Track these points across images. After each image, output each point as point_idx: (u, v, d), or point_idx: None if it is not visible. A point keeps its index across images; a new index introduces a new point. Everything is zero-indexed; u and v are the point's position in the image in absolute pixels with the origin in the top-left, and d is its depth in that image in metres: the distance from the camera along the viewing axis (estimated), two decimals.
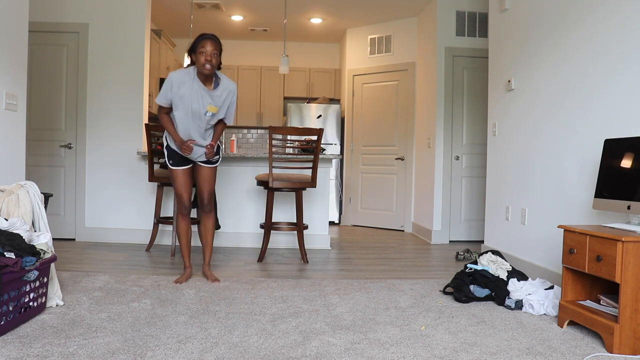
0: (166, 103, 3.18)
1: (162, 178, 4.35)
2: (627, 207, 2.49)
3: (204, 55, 3.02)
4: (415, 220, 6.31)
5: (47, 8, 4.91)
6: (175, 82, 3.11)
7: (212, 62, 3.04)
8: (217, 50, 3.08)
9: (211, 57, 3.03)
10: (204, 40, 3.06)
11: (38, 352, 2.06)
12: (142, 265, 3.93)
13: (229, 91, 3.25)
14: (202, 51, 3.03)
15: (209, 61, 3.03)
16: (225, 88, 3.24)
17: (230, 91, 3.26)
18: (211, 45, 3.05)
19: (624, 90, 2.87)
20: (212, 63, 3.04)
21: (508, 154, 4.21)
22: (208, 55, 3.03)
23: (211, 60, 3.03)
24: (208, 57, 3.03)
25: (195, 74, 3.13)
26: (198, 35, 3.12)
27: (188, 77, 3.13)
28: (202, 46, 3.03)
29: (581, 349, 2.29)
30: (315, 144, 4.22)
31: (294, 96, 7.71)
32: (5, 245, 2.31)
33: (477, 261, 3.29)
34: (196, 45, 3.05)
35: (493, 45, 4.56)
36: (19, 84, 3.28)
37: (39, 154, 4.91)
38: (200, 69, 3.06)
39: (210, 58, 3.03)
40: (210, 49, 3.04)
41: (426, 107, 5.96)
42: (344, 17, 6.56)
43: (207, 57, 3.03)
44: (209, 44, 3.05)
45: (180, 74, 3.13)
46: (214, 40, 3.09)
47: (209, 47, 3.04)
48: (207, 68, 3.04)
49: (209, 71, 3.05)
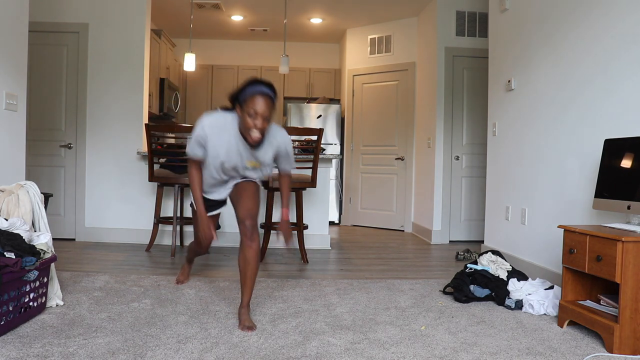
0: (199, 157, 2.51)
1: (162, 178, 4.35)
2: (627, 207, 2.49)
3: (254, 119, 2.25)
4: (415, 220, 6.31)
5: (47, 8, 4.90)
6: (210, 132, 2.41)
7: (263, 130, 2.29)
8: (272, 109, 2.31)
9: (263, 122, 2.26)
10: (257, 96, 2.25)
11: (38, 352, 2.06)
12: (142, 265, 3.93)
13: (276, 146, 2.53)
14: (252, 112, 2.24)
15: (260, 129, 2.27)
16: (272, 143, 2.49)
17: (279, 145, 2.53)
18: (265, 105, 2.24)
19: (624, 90, 2.87)
20: (264, 132, 2.30)
21: (508, 154, 4.21)
22: (259, 119, 2.25)
23: (262, 128, 2.27)
24: (259, 122, 2.26)
25: (237, 126, 2.42)
26: (249, 81, 2.32)
27: (226, 130, 2.40)
28: (252, 103, 2.24)
29: (581, 349, 2.29)
30: (315, 144, 4.22)
31: (294, 96, 7.71)
32: (5, 245, 2.31)
33: (477, 261, 3.29)
34: (245, 98, 2.27)
35: (493, 45, 4.56)
36: (19, 84, 3.28)
37: (39, 154, 4.91)
38: (244, 132, 2.34)
39: (262, 124, 2.26)
40: (264, 110, 2.24)
41: (426, 107, 5.96)
42: (344, 17, 6.56)
43: (257, 123, 2.25)
44: (263, 103, 2.24)
45: (217, 124, 2.41)
46: (270, 97, 2.28)
47: (262, 107, 2.24)
48: (255, 138, 2.28)
49: (257, 141, 2.31)
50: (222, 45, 7.87)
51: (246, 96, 2.26)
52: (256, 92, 2.25)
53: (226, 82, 7.63)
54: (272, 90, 2.31)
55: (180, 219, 4.56)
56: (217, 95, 7.63)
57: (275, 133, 2.51)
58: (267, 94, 2.27)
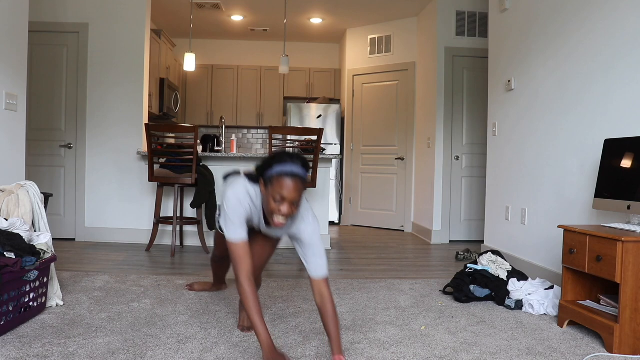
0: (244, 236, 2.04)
1: (162, 178, 4.35)
2: (627, 207, 2.49)
3: (279, 205, 1.91)
4: (415, 220, 6.31)
5: (47, 8, 4.90)
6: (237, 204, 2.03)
7: (290, 216, 1.96)
8: (303, 191, 1.96)
9: (290, 208, 1.92)
10: (285, 179, 1.90)
11: (38, 352, 2.06)
12: (142, 265, 3.93)
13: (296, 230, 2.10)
14: (278, 197, 1.90)
15: (285, 215, 1.94)
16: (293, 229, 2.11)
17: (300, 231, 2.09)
18: (294, 189, 1.90)
19: (624, 90, 2.87)
20: (290, 216, 1.97)
21: (508, 154, 4.21)
22: (286, 205, 1.91)
23: (288, 214, 1.94)
24: (285, 209, 1.92)
25: (261, 202, 2.09)
26: (277, 156, 1.96)
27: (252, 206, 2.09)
28: (279, 187, 1.89)
29: (581, 349, 2.29)
30: (315, 144, 4.22)
31: (294, 96, 7.71)
32: (5, 245, 2.31)
33: (477, 261, 3.29)
34: (271, 178, 1.92)
35: (493, 45, 4.56)
36: (19, 84, 3.28)
37: (39, 154, 4.91)
38: (267, 214, 2.00)
39: (289, 211, 1.92)
40: (293, 196, 1.90)
41: (426, 107, 5.96)
42: (344, 17, 6.56)
43: (283, 209, 1.92)
44: (292, 188, 1.90)
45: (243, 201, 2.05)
46: (300, 179, 1.93)
47: (290, 192, 1.89)
48: (278, 224, 1.95)
49: (280, 226, 1.99)
50: (222, 45, 7.87)
51: (272, 176, 1.91)
52: (285, 173, 1.89)
53: (226, 82, 7.63)
54: (305, 167, 1.96)
55: (180, 219, 4.56)
56: (217, 95, 7.63)
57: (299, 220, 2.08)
58: (297, 175, 1.91)
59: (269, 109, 7.71)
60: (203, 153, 4.80)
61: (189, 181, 4.31)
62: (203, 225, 4.61)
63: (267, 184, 1.94)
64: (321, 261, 2.05)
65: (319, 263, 2.05)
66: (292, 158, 1.95)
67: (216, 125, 7.54)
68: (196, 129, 4.25)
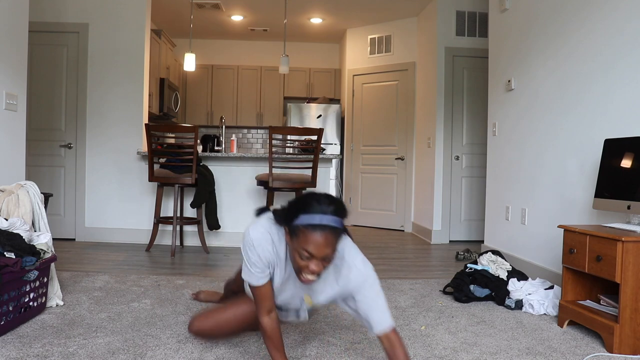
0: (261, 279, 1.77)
1: (162, 178, 4.35)
2: (627, 207, 2.49)
3: (307, 262, 1.60)
4: (415, 220, 6.31)
5: (47, 8, 4.90)
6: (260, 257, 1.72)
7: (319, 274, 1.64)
8: (335, 247, 1.62)
9: (320, 265, 1.61)
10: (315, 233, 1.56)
11: (38, 352, 2.06)
12: (142, 265, 3.93)
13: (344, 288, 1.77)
14: (305, 253, 1.58)
15: (314, 273, 1.61)
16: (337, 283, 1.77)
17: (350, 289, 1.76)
18: (326, 244, 1.57)
19: (624, 90, 2.87)
20: (320, 274, 1.65)
21: (508, 154, 4.21)
22: (315, 263, 1.60)
23: (318, 272, 1.62)
24: (314, 266, 1.60)
25: (288, 251, 1.74)
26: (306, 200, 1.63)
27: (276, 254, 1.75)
28: (306, 241, 1.57)
29: (581, 349, 2.29)
30: (315, 143, 4.22)
31: (294, 96, 7.71)
32: (5, 245, 2.31)
33: (477, 261, 3.29)
34: (298, 228, 1.59)
35: (493, 45, 4.56)
36: (19, 84, 3.28)
37: (39, 154, 4.91)
38: (295, 269, 1.68)
39: (319, 268, 1.61)
40: (324, 252, 1.58)
41: (426, 107, 5.96)
42: (344, 17, 6.56)
43: (311, 266, 1.60)
44: (323, 243, 1.56)
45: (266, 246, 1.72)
46: (333, 232, 1.58)
47: (320, 248, 1.57)
48: (307, 282, 1.64)
49: (310, 283, 1.66)
50: (222, 45, 7.87)
51: (298, 228, 1.58)
52: (312, 226, 1.55)
53: (226, 82, 7.63)
54: (339, 214, 1.60)
55: (180, 218, 4.56)
56: (217, 95, 7.63)
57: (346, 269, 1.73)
58: (328, 227, 1.56)
59: (269, 109, 7.71)
60: (203, 153, 4.81)
61: (189, 181, 4.31)
62: (203, 225, 4.61)
63: (292, 235, 1.61)
64: (383, 313, 1.72)
65: (381, 317, 1.71)
66: (321, 203, 1.58)
67: (216, 125, 7.54)
68: (196, 129, 4.25)
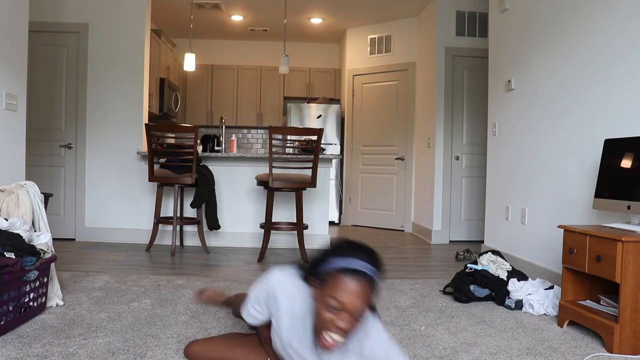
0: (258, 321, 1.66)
1: (162, 178, 4.35)
2: (627, 207, 2.49)
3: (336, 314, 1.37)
4: (415, 220, 6.31)
5: (47, 8, 4.90)
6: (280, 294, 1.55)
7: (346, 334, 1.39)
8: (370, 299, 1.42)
9: (350, 322, 1.37)
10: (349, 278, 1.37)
11: (38, 352, 2.06)
12: (142, 265, 3.93)
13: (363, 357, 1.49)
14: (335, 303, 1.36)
15: (342, 331, 1.37)
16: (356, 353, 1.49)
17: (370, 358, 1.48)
18: (359, 294, 1.37)
19: (624, 90, 2.87)
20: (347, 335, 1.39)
21: (508, 154, 4.21)
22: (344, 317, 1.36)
23: (346, 330, 1.37)
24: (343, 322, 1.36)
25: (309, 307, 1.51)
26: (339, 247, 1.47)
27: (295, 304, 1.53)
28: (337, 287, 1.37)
29: (581, 349, 2.29)
30: (315, 144, 4.22)
31: (294, 96, 7.71)
32: (5, 245, 2.31)
33: (477, 261, 3.29)
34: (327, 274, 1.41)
35: (493, 45, 4.56)
36: (19, 84, 3.28)
37: (39, 154, 4.91)
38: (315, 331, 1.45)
39: (347, 325, 1.37)
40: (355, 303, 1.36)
41: (426, 107, 5.96)
42: (344, 17, 6.56)
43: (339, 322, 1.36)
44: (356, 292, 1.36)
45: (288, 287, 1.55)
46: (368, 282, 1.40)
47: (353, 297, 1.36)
48: (330, 345, 1.38)
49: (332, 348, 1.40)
50: (222, 45, 7.87)
51: (329, 272, 1.39)
52: (347, 270, 1.37)
53: (226, 82, 7.63)
54: (376, 265, 1.44)
55: (180, 218, 4.56)
56: (217, 95, 7.64)
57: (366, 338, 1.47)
58: (364, 275, 1.38)
59: (269, 109, 7.72)
60: (203, 153, 4.81)
61: (189, 181, 4.31)
62: (203, 225, 4.61)
63: (322, 282, 1.41)
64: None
65: None
66: (358, 249, 1.44)
67: (216, 125, 7.54)
68: (196, 129, 4.25)
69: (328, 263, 1.42)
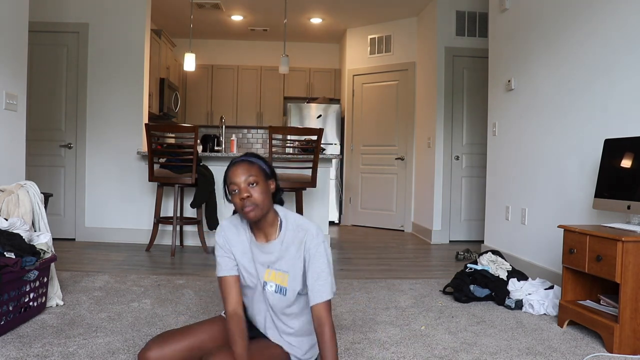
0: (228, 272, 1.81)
1: (162, 178, 4.35)
2: (627, 207, 2.49)
3: (238, 195, 1.73)
4: (415, 220, 6.31)
5: (47, 8, 4.90)
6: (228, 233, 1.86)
7: (254, 200, 1.72)
8: (259, 176, 1.77)
9: (246, 189, 1.73)
10: (231, 168, 1.78)
11: (38, 352, 2.06)
12: (142, 265, 3.93)
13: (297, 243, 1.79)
14: (233, 187, 1.74)
15: (248, 198, 1.72)
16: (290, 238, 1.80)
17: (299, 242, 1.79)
18: (242, 170, 1.75)
19: (624, 90, 2.87)
20: (256, 201, 1.72)
21: (508, 154, 4.21)
22: (242, 190, 1.73)
23: (251, 197, 1.72)
24: (243, 192, 1.73)
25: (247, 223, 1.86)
26: None
27: (241, 230, 1.87)
28: (230, 179, 1.76)
29: (581, 349, 2.29)
30: (315, 144, 4.22)
31: (294, 96, 7.71)
32: (5, 245, 2.31)
33: (477, 261, 3.29)
34: (226, 180, 1.79)
35: (493, 45, 4.56)
36: (19, 84, 3.27)
37: (39, 154, 4.91)
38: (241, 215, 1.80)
39: (246, 192, 1.72)
40: (242, 176, 1.74)
41: (426, 107, 5.96)
42: (344, 17, 6.56)
43: (241, 195, 1.73)
44: (238, 170, 1.75)
45: (233, 223, 1.89)
46: (247, 162, 1.78)
47: (237, 174, 1.75)
48: (249, 212, 1.72)
49: (254, 217, 1.73)
50: (222, 45, 7.87)
51: (226, 176, 1.78)
52: (230, 164, 1.79)
53: (226, 82, 7.63)
54: (251, 156, 1.82)
55: (180, 218, 4.56)
56: (217, 95, 7.64)
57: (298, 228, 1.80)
58: (242, 160, 1.79)
59: (269, 109, 7.71)
60: (203, 153, 4.80)
61: (189, 181, 4.31)
62: (203, 225, 4.61)
63: (228, 189, 1.78)
64: (322, 286, 1.72)
65: (319, 289, 1.72)
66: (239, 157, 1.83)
67: (216, 125, 7.54)
68: (196, 128, 4.25)
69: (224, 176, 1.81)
